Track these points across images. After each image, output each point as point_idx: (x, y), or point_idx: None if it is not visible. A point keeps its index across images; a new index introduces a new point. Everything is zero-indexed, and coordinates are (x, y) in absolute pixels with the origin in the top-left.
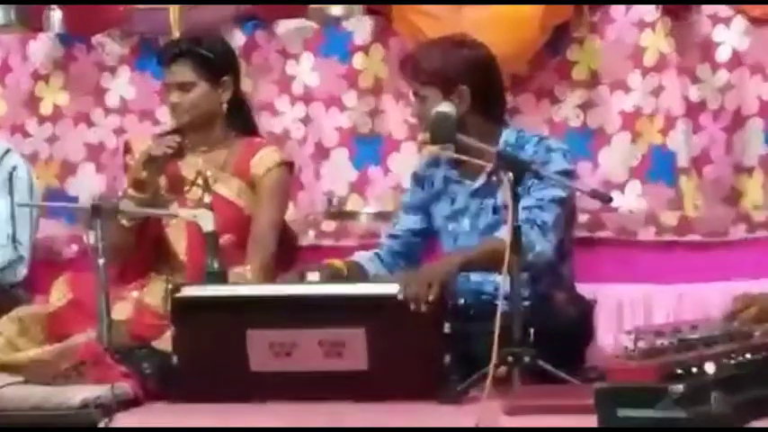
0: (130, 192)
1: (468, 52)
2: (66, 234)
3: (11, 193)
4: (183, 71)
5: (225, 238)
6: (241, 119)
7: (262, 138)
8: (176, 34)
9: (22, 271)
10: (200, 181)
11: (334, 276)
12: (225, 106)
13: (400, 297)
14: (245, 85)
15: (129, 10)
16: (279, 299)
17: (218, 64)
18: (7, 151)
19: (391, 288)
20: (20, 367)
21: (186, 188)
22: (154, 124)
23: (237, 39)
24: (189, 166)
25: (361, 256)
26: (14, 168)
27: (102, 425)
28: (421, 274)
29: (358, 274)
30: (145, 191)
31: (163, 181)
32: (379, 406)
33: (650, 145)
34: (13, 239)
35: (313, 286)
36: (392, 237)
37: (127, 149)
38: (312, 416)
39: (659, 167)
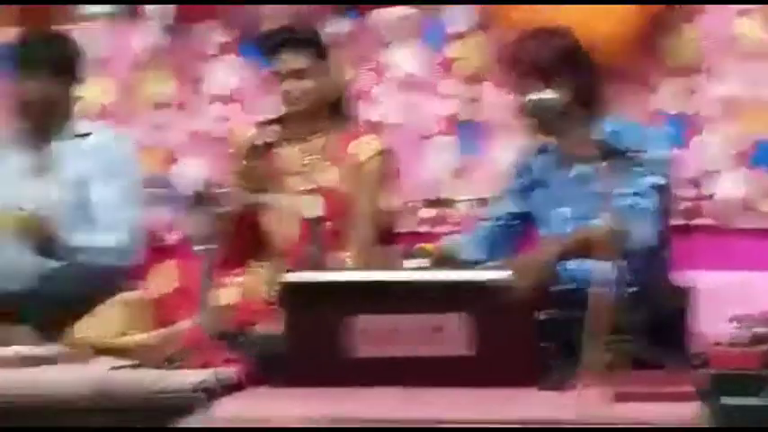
0: (233, 181)
1: (566, 41)
2: (170, 221)
3: (118, 179)
4: (296, 58)
5: (325, 226)
6: (340, 108)
7: (360, 126)
8: (276, 24)
9: (133, 257)
10: (300, 168)
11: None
12: (329, 95)
13: (500, 283)
14: (344, 73)
15: None
16: (380, 284)
17: (326, 51)
18: (111, 137)
19: (491, 274)
20: (126, 351)
21: (287, 176)
22: (257, 112)
23: (340, 27)
24: (290, 153)
25: (455, 241)
26: (120, 155)
27: (205, 409)
28: (520, 260)
29: (450, 258)
30: (246, 180)
31: (264, 169)
32: (479, 392)
33: (750, 133)
34: (122, 225)
35: (414, 272)
36: (491, 222)
37: (229, 139)
38: (412, 401)
39: (759, 155)
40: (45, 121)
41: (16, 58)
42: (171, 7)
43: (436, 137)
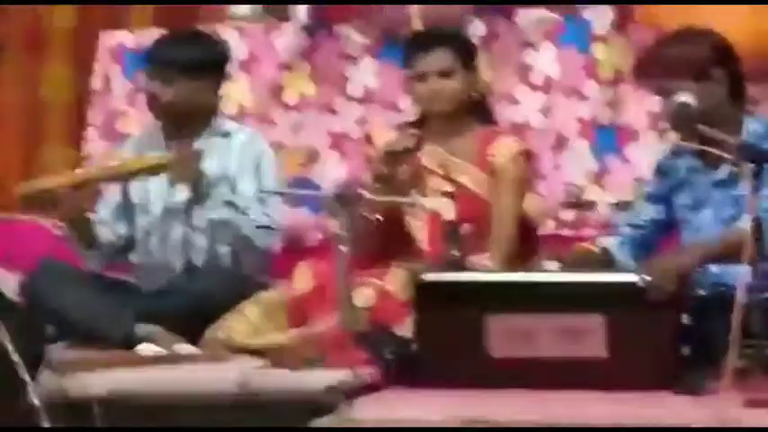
0: (372, 184)
1: (717, 40)
2: (309, 222)
3: (258, 178)
4: (443, 58)
5: (465, 227)
6: (481, 109)
7: (500, 128)
8: (418, 25)
9: (273, 240)
10: (440, 170)
11: (584, 259)
12: (473, 96)
13: (640, 285)
14: (484, 74)
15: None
16: (518, 285)
17: (471, 52)
18: (252, 137)
19: (631, 276)
20: (263, 352)
21: (427, 177)
22: (396, 113)
23: (478, 29)
24: (429, 155)
25: (608, 242)
26: (260, 154)
27: (342, 409)
28: (661, 263)
29: (606, 259)
30: (387, 184)
31: (404, 170)
32: (616, 395)
33: None
34: (264, 215)
35: (552, 273)
36: (633, 226)
37: (368, 140)
38: (549, 403)
39: None
40: (189, 120)
41: (162, 57)
42: (312, 8)
43: (576, 139)
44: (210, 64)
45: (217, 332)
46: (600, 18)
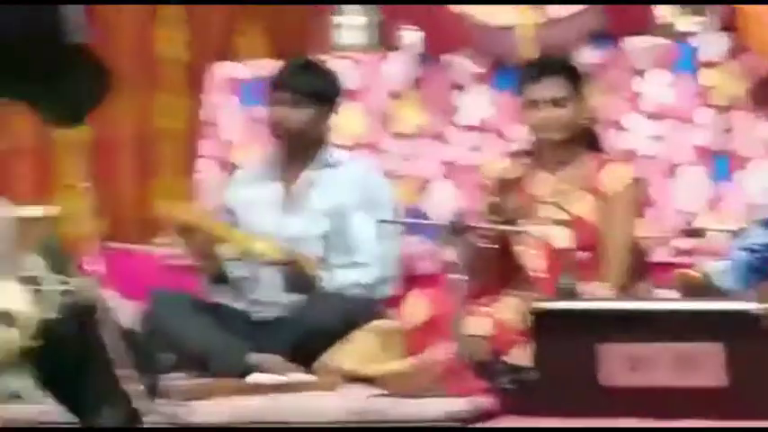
0: (485, 213)
1: None
2: (424, 251)
3: (373, 210)
4: (556, 86)
5: (578, 255)
6: (592, 137)
7: (609, 155)
8: (529, 54)
9: (389, 289)
10: (552, 198)
11: (687, 286)
12: (585, 123)
13: (758, 311)
14: (595, 102)
15: (482, 29)
16: (633, 313)
17: (584, 80)
18: (366, 168)
19: (749, 304)
20: (380, 379)
21: (540, 206)
22: (509, 142)
23: (592, 56)
24: (542, 183)
25: (714, 267)
26: (375, 185)
27: None
28: None
29: (710, 285)
30: (499, 214)
31: (515, 202)
32: (735, 425)
33: None
34: (379, 257)
35: (668, 302)
36: (746, 250)
37: (480, 170)
38: None
39: None
40: (301, 150)
41: (293, 83)
42: (423, 36)
43: (689, 166)
44: (331, 94)
45: (331, 360)
46: (710, 44)
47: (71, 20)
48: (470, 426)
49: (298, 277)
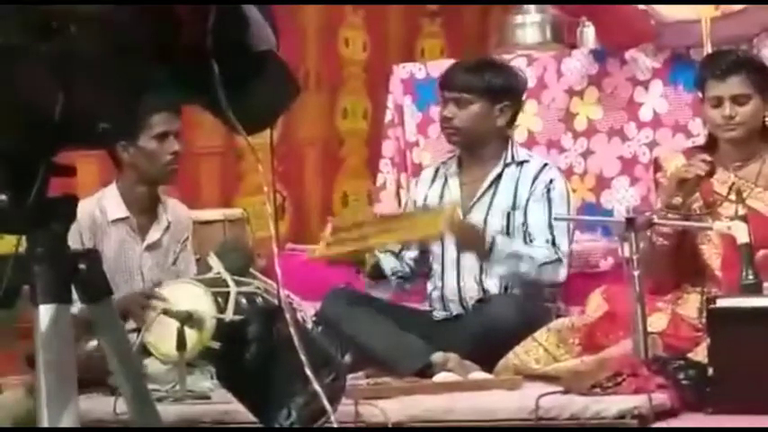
0: (664, 213)
1: None
2: (601, 247)
3: (548, 204)
4: (739, 84)
5: (761, 254)
6: None
7: None
8: (708, 47)
9: (562, 272)
10: (732, 195)
11: None
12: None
13: None
14: None
15: (659, 23)
16: None
17: (765, 77)
18: (545, 165)
19: None
20: (558, 377)
21: (719, 203)
22: (687, 137)
23: (766, 51)
24: (722, 181)
25: None
26: (551, 182)
27: None
28: None
29: None
30: (678, 212)
31: (696, 198)
32: None
33: None
34: (552, 243)
35: None
36: None
37: (657, 167)
38: None
39: None
40: (482, 147)
41: (444, 87)
42: (600, 33)
43: None
44: (504, 90)
45: (511, 359)
46: None
47: (259, 25)
48: (648, 426)
49: (471, 244)
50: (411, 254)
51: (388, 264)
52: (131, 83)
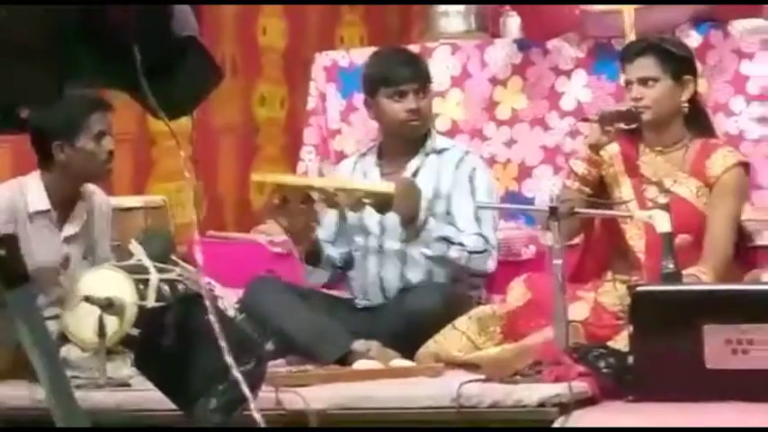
0: (571, 183)
1: None
2: (523, 235)
3: (472, 194)
4: (647, 66)
5: (681, 238)
6: (698, 120)
7: (717, 139)
8: (631, 37)
9: (491, 263)
10: (655, 179)
11: None
12: (685, 106)
13: None
14: (700, 85)
15: (583, 13)
16: (736, 295)
17: (681, 62)
18: (466, 153)
19: None
20: (479, 365)
21: (644, 187)
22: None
23: (692, 40)
24: (647, 164)
25: None
26: (474, 170)
27: (558, 423)
28: None
29: None
30: (588, 185)
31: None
32: None
33: None
34: (480, 235)
35: None
36: None
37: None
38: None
39: None
40: (407, 138)
41: (395, 81)
42: (523, 22)
43: None
44: (430, 79)
45: (432, 347)
46: None
47: (182, 11)
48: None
49: (409, 206)
50: (341, 249)
51: (330, 252)
52: (53, 68)
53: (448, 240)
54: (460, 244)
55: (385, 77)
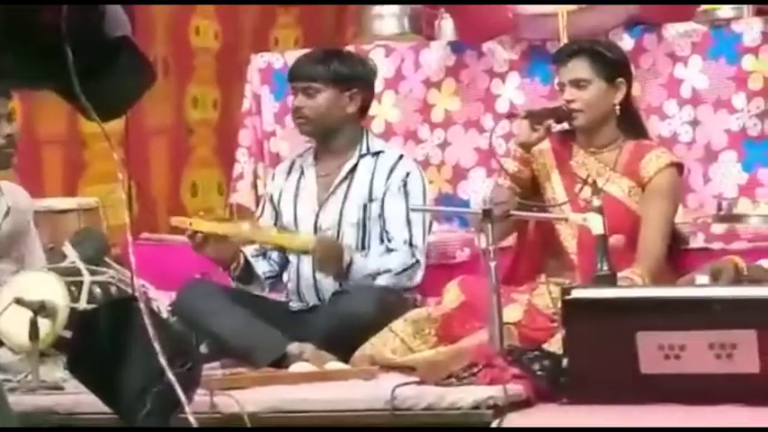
0: (503, 181)
1: None
2: (458, 238)
3: (405, 198)
4: (579, 68)
5: (614, 239)
6: (631, 122)
7: (651, 141)
8: (564, 40)
9: (418, 276)
10: (588, 179)
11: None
12: (617, 108)
13: None
14: (634, 88)
15: (517, 16)
16: (669, 300)
17: (614, 65)
18: (400, 157)
19: None
20: (414, 368)
21: (577, 187)
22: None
23: (626, 43)
24: (580, 165)
25: (765, 262)
26: (408, 175)
27: (494, 425)
28: None
29: (760, 275)
30: (519, 183)
31: (557, 185)
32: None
33: None
34: (410, 244)
35: (703, 288)
36: None
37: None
38: (702, 419)
39: None
40: (336, 139)
41: (293, 78)
42: (457, 24)
43: (726, 151)
44: (351, 77)
45: (367, 349)
46: (749, 30)
47: (114, 11)
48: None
49: (331, 265)
50: (274, 253)
51: (261, 268)
52: None
53: (373, 275)
54: (387, 270)
55: (288, 74)
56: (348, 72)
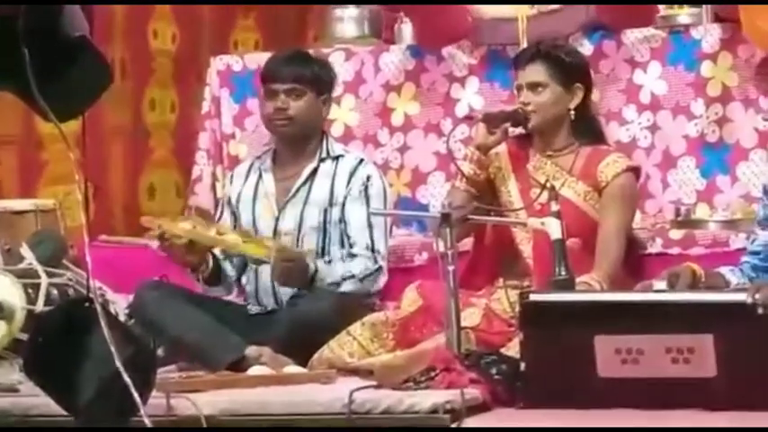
0: (459, 184)
1: None
2: (416, 241)
3: (366, 202)
4: (536, 72)
5: (571, 242)
6: (589, 127)
7: (609, 146)
8: (524, 44)
9: (381, 281)
10: (548, 185)
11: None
12: (572, 113)
13: (749, 302)
14: (593, 94)
15: (477, 20)
16: (626, 305)
17: (571, 70)
18: (361, 161)
19: (740, 295)
20: (372, 372)
21: (533, 191)
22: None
23: (585, 48)
24: (537, 169)
25: (723, 269)
26: (368, 178)
27: (450, 429)
28: None
29: (717, 281)
30: (476, 186)
31: (513, 189)
32: (726, 415)
33: None
34: (372, 249)
35: (660, 293)
36: (751, 253)
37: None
38: (659, 423)
39: None
40: (299, 143)
41: (272, 79)
42: (418, 29)
43: (684, 157)
44: (326, 81)
45: (325, 353)
46: (708, 36)
47: (73, 12)
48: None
49: (292, 272)
50: (235, 258)
51: (229, 270)
52: None
53: (337, 283)
54: (351, 276)
55: (263, 75)
56: (326, 77)
